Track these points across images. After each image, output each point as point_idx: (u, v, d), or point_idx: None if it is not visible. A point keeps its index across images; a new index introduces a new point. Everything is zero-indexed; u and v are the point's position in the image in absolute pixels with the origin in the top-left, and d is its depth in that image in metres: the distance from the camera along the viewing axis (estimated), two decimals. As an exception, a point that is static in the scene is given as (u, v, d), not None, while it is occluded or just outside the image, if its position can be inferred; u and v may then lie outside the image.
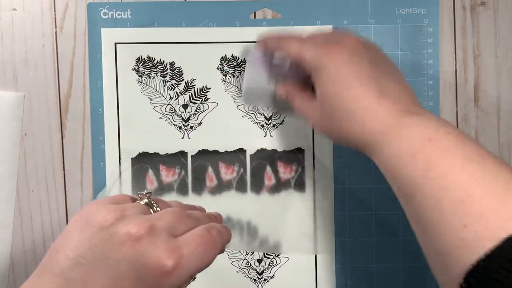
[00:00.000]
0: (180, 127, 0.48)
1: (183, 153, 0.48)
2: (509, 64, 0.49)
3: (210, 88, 0.48)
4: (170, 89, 0.48)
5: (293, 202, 0.48)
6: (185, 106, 0.48)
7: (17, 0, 0.47)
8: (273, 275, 0.49)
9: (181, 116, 0.48)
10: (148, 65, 0.47)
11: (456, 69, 0.49)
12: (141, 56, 0.47)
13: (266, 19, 0.48)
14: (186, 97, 0.48)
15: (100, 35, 0.47)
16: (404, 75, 0.47)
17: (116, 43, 0.47)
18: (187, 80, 0.48)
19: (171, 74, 0.48)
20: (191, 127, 0.48)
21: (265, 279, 0.49)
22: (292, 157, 0.48)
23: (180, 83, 0.48)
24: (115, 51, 0.47)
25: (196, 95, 0.48)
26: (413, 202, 0.33)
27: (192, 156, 0.48)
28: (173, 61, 0.48)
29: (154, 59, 0.47)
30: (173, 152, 0.48)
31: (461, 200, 0.29)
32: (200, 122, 0.48)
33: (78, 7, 0.47)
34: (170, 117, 0.48)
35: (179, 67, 0.48)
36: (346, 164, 0.49)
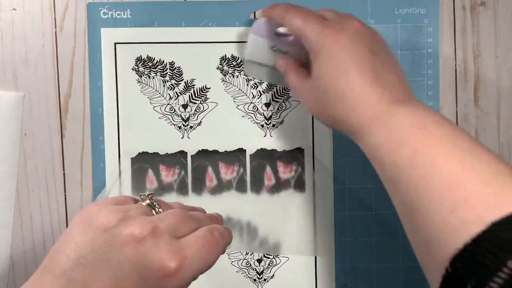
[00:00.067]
0: (180, 127, 0.48)
1: (183, 153, 0.48)
2: (509, 64, 0.48)
3: (209, 88, 0.48)
4: (170, 89, 0.48)
5: (293, 202, 0.48)
6: (184, 106, 0.48)
7: (17, 0, 0.47)
8: (273, 275, 0.49)
9: (181, 116, 0.48)
10: (148, 65, 0.47)
11: (456, 69, 0.49)
12: (140, 56, 0.47)
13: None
14: (186, 97, 0.48)
15: (100, 35, 0.47)
16: (404, 75, 0.48)
17: (115, 43, 0.47)
18: (187, 80, 0.48)
19: (171, 74, 0.48)
20: (191, 127, 0.48)
21: (265, 279, 0.49)
22: (292, 157, 0.48)
23: (180, 83, 0.48)
24: (115, 51, 0.47)
25: (196, 95, 0.48)
26: (399, 188, 0.33)
27: (192, 156, 0.48)
28: (172, 61, 0.48)
29: (154, 59, 0.47)
30: (173, 152, 0.48)
31: (448, 185, 0.29)
32: (200, 122, 0.48)
33: (78, 7, 0.47)
34: (170, 117, 0.48)
35: (178, 67, 0.48)
36: (346, 164, 0.48)
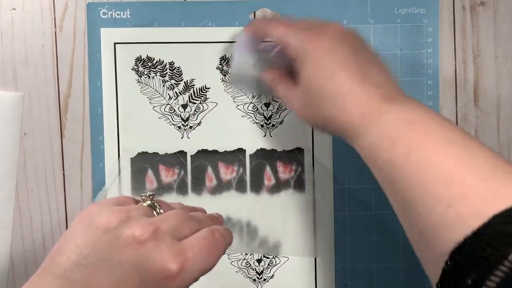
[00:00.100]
0: (179, 127, 0.48)
1: (182, 153, 0.48)
2: (509, 64, 0.48)
3: (209, 88, 0.48)
4: (170, 89, 0.48)
5: (292, 202, 0.48)
6: (184, 106, 0.48)
7: (17, 0, 0.47)
8: (273, 275, 0.49)
9: (180, 116, 0.48)
10: (148, 65, 0.47)
11: (456, 69, 0.48)
12: (140, 56, 0.47)
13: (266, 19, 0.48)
14: (186, 97, 0.48)
15: (100, 35, 0.47)
16: (404, 75, 0.48)
17: (115, 43, 0.47)
18: (187, 80, 0.48)
19: (171, 74, 0.48)
20: (191, 127, 0.48)
21: (264, 279, 0.49)
22: (292, 157, 0.48)
23: (180, 83, 0.48)
24: (115, 51, 0.47)
25: (196, 95, 0.48)
26: (395, 186, 0.32)
27: (191, 156, 0.48)
28: (172, 61, 0.48)
29: (154, 59, 0.47)
30: (173, 152, 0.48)
31: (444, 181, 0.29)
32: (200, 122, 0.48)
33: (77, 7, 0.47)
34: (170, 117, 0.48)
35: (178, 67, 0.48)
36: (346, 164, 0.48)
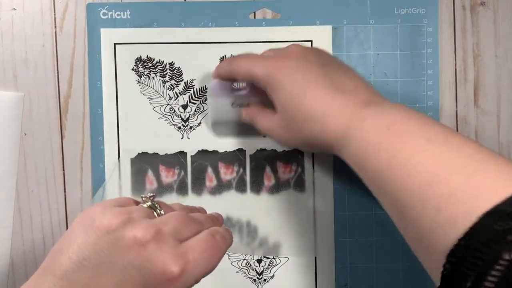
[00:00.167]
0: (179, 127, 0.48)
1: (182, 153, 0.48)
2: (509, 64, 0.48)
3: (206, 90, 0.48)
4: (170, 90, 0.48)
5: (292, 202, 0.48)
6: (184, 107, 0.48)
7: (17, 0, 0.47)
8: (273, 275, 0.49)
9: (180, 116, 0.48)
10: (148, 65, 0.47)
11: (456, 69, 0.48)
12: (140, 56, 0.47)
13: (265, 19, 0.48)
14: (186, 97, 0.48)
15: (100, 35, 0.47)
16: (404, 75, 0.48)
17: (115, 44, 0.47)
18: (187, 81, 0.48)
19: (171, 75, 0.48)
20: (191, 127, 0.48)
21: (264, 279, 0.49)
22: (292, 157, 0.48)
23: (180, 83, 0.48)
24: (115, 52, 0.47)
25: (196, 95, 0.48)
26: (383, 192, 0.32)
27: (191, 156, 0.48)
28: (172, 61, 0.48)
29: (154, 59, 0.47)
30: (173, 152, 0.48)
31: (429, 182, 0.29)
32: (200, 122, 0.48)
33: (77, 7, 0.47)
34: (170, 117, 0.48)
35: (178, 67, 0.48)
36: (346, 164, 0.48)
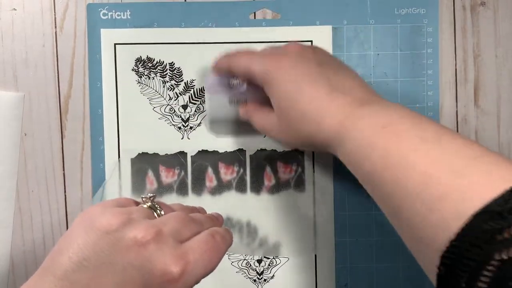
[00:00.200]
0: (179, 128, 0.48)
1: (182, 154, 0.48)
2: (509, 64, 0.48)
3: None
4: (170, 90, 0.48)
5: (292, 202, 0.48)
6: (184, 107, 0.48)
7: (17, 0, 0.47)
8: (273, 276, 0.49)
9: (180, 116, 0.48)
10: (148, 65, 0.47)
11: (456, 69, 0.48)
12: (140, 56, 0.47)
13: (265, 19, 0.48)
14: (186, 97, 0.48)
15: (100, 35, 0.47)
16: (404, 75, 0.48)
17: (115, 44, 0.47)
18: (187, 81, 0.48)
19: (171, 75, 0.48)
20: (191, 127, 0.48)
21: (265, 280, 0.49)
22: (292, 157, 0.48)
23: (180, 84, 0.48)
24: (115, 52, 0.47)
25: (196, 96, 0.48)
26: (378, 191, 0.32)
27: (191, 156, 0.48)
28: (172, 62, 0.48)
29: (154, 59, 0.47)
30: (173, 152, 0.48)
31: (422, 182, 0.29)
32: (200, 122, 0.48)
33: (78, 8, 0.47)
34: (170, 117, 0.48)
35: (178, 68, 0.48)
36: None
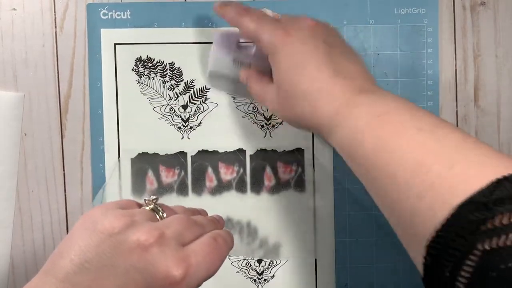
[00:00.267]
0: (179, 128, 0.48)
1: (182, 154, 0.48)
2: (509, 64, 0.48)
3: (209, 88, 0.48)
4: (170, 90, 0.48)
5: (293, 202, 0.48)
6: (184, 107, 0.48)
7: (17, 0, 0.47)
8: (273, 275, 0.49)
9: (180, 116, 0.48)
10: (148, 65, 0.47)
11: (456, 69, 0.48)
12: (140, 56, 0.47)
13: (265, 19, 0.48)
14: (186, 97, 0.48)
15: (100, 35, 0.47)
16: (404, 75, 0.48)
17: (115, 44, 0.47)
18: (187, 81, 0.48)
19: (171, 75, 0.48)
20: (191, 127, 0.48)
21: (265, 279, 0.49)
22: (292, 157, 0.48)
23: (180, 84, 0.48)
24: (115, 52, 0.47)
25: (196, 96, 0.48)
26: (370, 178, 0.32)
27: (192, 156, 0.48)
28: (172, 62, 0.48)
29: (154, 59, 0.47)
30: (173, 152, 0.48)
31: (414, 171, 0.29)
32: (200, 122, 0.48)
33: (78, 7, 0.47)
34: (170, 117, 0.48)
35: (178, 68, 0.48)
36: (346, 164, 0.48)
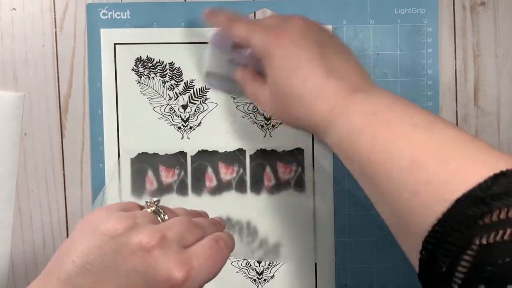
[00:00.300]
0: (179, 128, 0.48)
1: (182, 154, 0.48)
2: (509, 64, 0.48)
3: (209, 88, 0.48)
4: (170, 90, 0.48)
5: (292, 202, 0.48)
6: (184, 107, 0.48)
7: (17, 0, 0.47)
8: (273, 275, 0.49)
9: (180, 116, 0.48)
10: (148, 65, 0.47)
11: (456, 69, 0.48)
12: (140, 56, 0.47)
13: (265, 19, 0.48)
14: (186, 97, 0.48)
15: (100, 35, 0.47)
16: (404, 75, 0.48)
17: (115, 44, 0.47)
18: (187, 81, 0.48)
19: (171, 75, 0.48)
20: (191, 127, 0.48)
21: (264, 279, 0.49)
22: (292, 157, 0.48)
23: (180, 84, 0.48)
24: (114, 52, 0.47)
25: (196, 96, 0.48)
26: (365, 176, 0.32)
27: (191, 156, 0.48)
28: (172, 62, 0.48)
29: (154, 59, 0.47)
30: (173, 152, 0.48)
31: (408, 167, 0.29)
32: (200, 122, 0.48)
33: (77, 7, 0.47)
34: (170, 117, 0.48)
35: (178, 68, 0.48)
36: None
